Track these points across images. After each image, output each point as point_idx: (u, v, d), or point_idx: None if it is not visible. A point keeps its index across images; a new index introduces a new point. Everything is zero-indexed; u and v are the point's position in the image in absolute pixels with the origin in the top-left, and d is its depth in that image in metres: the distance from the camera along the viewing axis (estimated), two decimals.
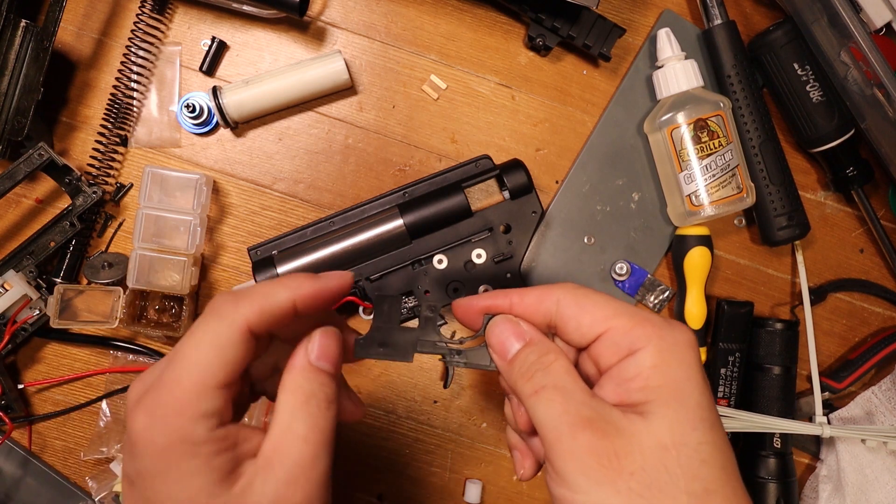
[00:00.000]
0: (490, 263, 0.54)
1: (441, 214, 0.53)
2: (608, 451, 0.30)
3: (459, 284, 0.53)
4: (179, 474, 0.29)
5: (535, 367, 0.32)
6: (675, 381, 0.31)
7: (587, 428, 0.30)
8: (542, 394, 0.31)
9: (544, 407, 0.31)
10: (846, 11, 0.51)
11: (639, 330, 0.32)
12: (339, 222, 0.54)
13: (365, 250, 0.53)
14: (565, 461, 0.30)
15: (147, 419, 0.29)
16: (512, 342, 0.34)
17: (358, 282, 0.53)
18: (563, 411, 0.31)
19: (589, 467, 0.29)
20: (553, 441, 0.30)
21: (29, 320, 0.55)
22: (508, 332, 0.34)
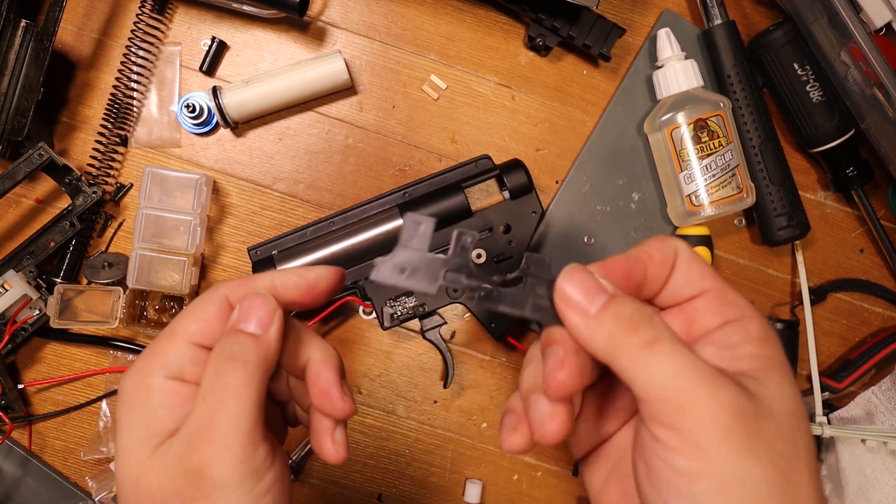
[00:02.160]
0: (490, 263, 0.54)
1: (441, 214, 0.53)
2: (752, 412, 0.26)
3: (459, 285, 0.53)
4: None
5: (636, 317, 0.27)
6: (781, 355, 0.29)
7: (726, 385, 0.26)
8: (658, 346, 0.27)
9: (665, 360, 0.26)
10: (846, 11, 0.51)
11: (742, 300, 0.30)
12: (340, 222, 0.54)
13: (365, 250, 0.53)
14: (703, 423, 0.25)
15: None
16: (595, 294, 0.28)
17: (358, 282, 0.53)
18: (694, 363, 0.26)
19: (733, 432, 0.25)
20: (684, 400, 0.26)
21: (29, 320, 0.55)
22: (588, 282, 0.28)
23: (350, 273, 0.53)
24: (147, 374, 0.30)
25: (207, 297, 0.32)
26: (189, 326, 0.31)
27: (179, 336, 0.30)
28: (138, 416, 0.29)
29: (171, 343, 0.30)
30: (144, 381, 0.30)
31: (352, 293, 0.54)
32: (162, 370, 0.30)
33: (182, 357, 0.30)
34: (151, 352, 0.30)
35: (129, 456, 0.29)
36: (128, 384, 0.30)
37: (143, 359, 0.31)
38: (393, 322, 0.53)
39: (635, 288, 0.30)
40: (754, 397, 0.27)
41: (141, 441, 0.29)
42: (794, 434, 0.27)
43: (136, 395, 0.30)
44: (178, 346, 0.30)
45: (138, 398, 0.30)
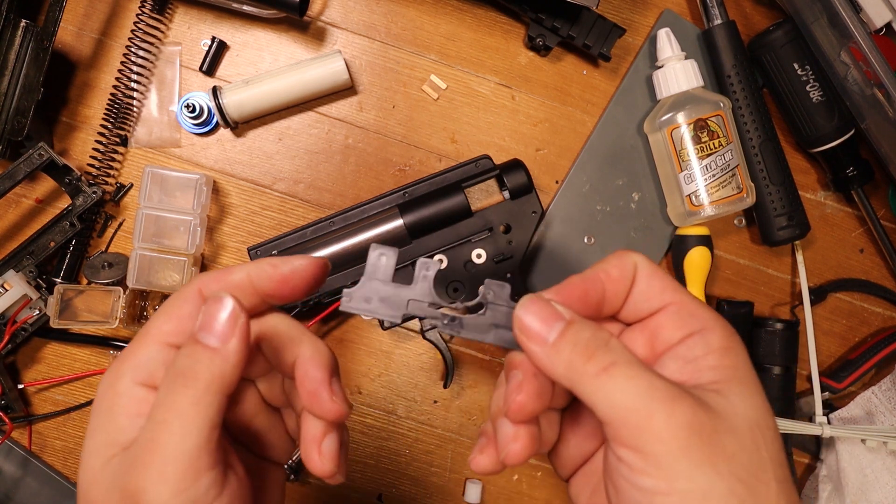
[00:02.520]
0: (490, 263, 0.54)
1: (441, 214, 0.53)
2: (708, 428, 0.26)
3: (459, 284, 0.53)
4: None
5: (592, 343, 0.28)
6: (743, 365, 0.29)
7: (683, 402, 0.26)
8: (614, 371, 0.27)
9: (622, 384, 0.27)
10: (846, 11, 0.51)
11: (704, 311, 0.30)
12: (340, 222, 0.54)
13: (365, 250, 0.52)
14: (662, 442, 0.26)
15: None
16: (551, 321, 0.28)
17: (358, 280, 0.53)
18: (648, 386, 0.27)
19: (691, 447, 0.26)
20: (641, 422, 0.26)
21: (29, 320, 0.55)
22: (544, 312, 0.29)
23: (350, 273, 0.53)
24: (117, 378, 0.28)
25: (182, 293, 0.29)
26: (162, 326, 0.29)
27: (152, 337, 0.29)
28: (101, 423, 0.28)
29: (142, 344, 0.28)
30: (113, 385, 0.28)
31: None
32: (131, 373, 0.28)
33: (152, 360, 0.28)
34: (125, 353, 0.29)
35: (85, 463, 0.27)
36: (100, 387, 0.28)
37: (117, 360, 0.29)
38: (393, 322, 0.53)
39: (595, 307, 0.30)
40: (713, 411, 0.27)
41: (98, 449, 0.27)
42: (757, 445, 0.27)
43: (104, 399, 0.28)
44: (149, 348, 0.28)
45: (105, 403, 0.28)
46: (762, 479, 0.27)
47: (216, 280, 0.30)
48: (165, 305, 0.29)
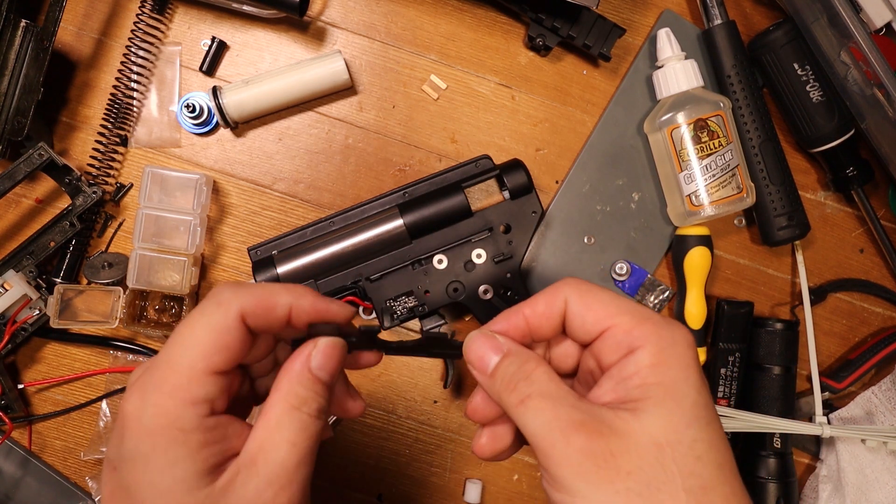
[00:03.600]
0: (490, 263, 0.54)
1: (441, 214, 0.53)
2: (604, 451, 0.29)
3: (459, 284, 0.53)
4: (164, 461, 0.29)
5: (516, 377, 0.32)
6: (672, 379, 0.31)
7: (580, 431, 0.30)
8: (528, 403, 0.31)
9: (532, 415, 0.31)
10: (846, 11, 0.51)
11: (639, 329, 0.32)
12: (340, 222, 0.54)
13: (365, 250, 0.53)
14: (561, 467, 0.30)
15: (139, 400, 0.29)
16: (490, 356, 0.33)
17: (358, 282, 0.53)
18: (552, 417, 0.30)
19: (586, 470, 0.29)
20: (547, 448, 0.30)
21: (29, 320, 0.55)
22: (485, 346, 0.34)
23: (350, 273, 0.53)
24: (178, 417, 0.30)
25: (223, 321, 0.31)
26: (212, 357, 0.30)
27: (203, 370, 0.30)
28: (174, 457, 0.29)
29: (197, 381, 0.30)
30: (175, 424, 0.29)
31: (352, 293, 0.54)
32: (195, 409, 0.30)
33: (210, 392, 0.30)
34: (172, 387, 0.30)
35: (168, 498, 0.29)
36: (149, 425, 0.30)
37: (160, 402, 0.30)
38: (393, 322, 0.53)
39: (523, 338, 0.34)
40: (614, 433, 0.30)
41: (184, 482, 0.29)
42: (661, 461, 0.29)
43: (163, 437, 0.29)
44: (205, 383, 0.30)
45: (168, 440, 0.29)
46: (666, 491, 0.29)
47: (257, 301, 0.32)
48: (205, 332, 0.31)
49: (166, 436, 0.29)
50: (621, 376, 0.32)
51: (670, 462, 0.29)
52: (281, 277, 0.52)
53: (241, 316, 0.31)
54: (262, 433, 0.31)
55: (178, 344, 0.30)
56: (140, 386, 0.30)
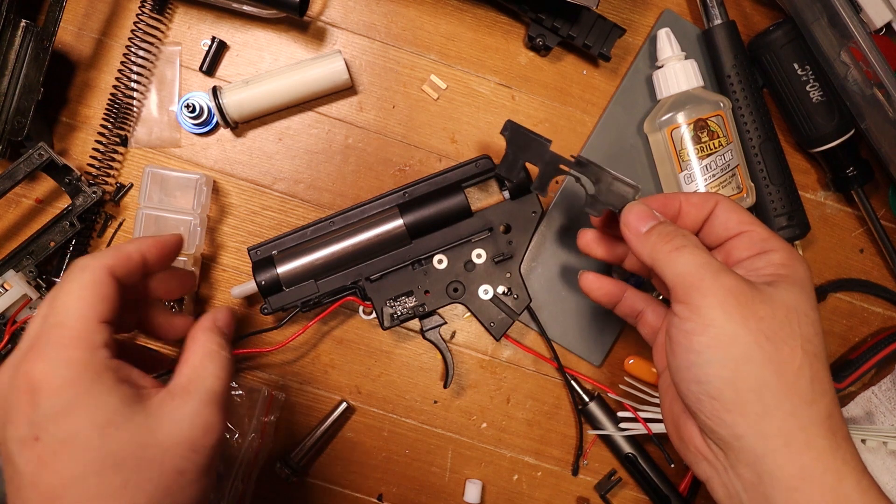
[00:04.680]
0: (490, 263, 0.54)
1: (441, 214, 0.53)
2: (747, 295, 0.35)
3: (459, 284, 0.53)
4: (93, 400, 0.32)
5: (675, 233, 0.38)
6: (799, 275, 0.37)
7: (729, 274, 0.36)
8: (684, 249, 0.37)
9: (687, 258, 0.37)
10: (846, 11, 0.51)
11: (774, 240, 0.39)
12: (340, 222, 0.54)
13: (365, 250, 0.52)
14: (706, 297, 0.35)
15: (44, 362, 0.32)
16: (646, 220, 0.40)
17: (358, 282, 0.53)
18: (706, 261, 0.36)
19: (728, 304, 0.34)
20: (696, 282, 0.36)
21: (29, 320, 0.55)
22: (644, 213, 0.41)
23: (350, 273, 0.53)
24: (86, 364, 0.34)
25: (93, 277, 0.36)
26: (97, 307, 0.36)
27: (92, 320, 0.35)
28: (101, 393, 0.34)
29: (89, 328, 0.35)
30: (88, 369, 0.34)
31: (352, 293, 0.54)
32: (98, 353, 0.35)
33: (106, 338, 0.36)
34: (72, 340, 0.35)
35: None
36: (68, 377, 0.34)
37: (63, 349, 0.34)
38: (393, 322, 0.53)
39: (671, 218, 0.41)
40: (756, 287, 0.36)
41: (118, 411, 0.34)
42: (789, 321, 0.35)
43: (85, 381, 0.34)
44: (99, 330, 0.35)
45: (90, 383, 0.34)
46: (789, 344, 0.34)
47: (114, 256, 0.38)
48: (85, 287, 0.36)
49: (84, 380, 0.32)
50: (753, 267, 0.38)
51: (796, 324, 0.35)
52: (281, 277, 0.52)
53: (108, 270, 0.36)
54: (188, 370, 0.38)
55: (59, 306, 0.34)
56: (39, 351, 0.33)
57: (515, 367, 0.60)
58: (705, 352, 0.35)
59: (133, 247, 0.39)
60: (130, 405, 0.33)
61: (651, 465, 0.58)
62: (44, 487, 0.31)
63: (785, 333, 0.34)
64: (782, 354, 0.34)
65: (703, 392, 0.35)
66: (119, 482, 0.32)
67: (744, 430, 0.34)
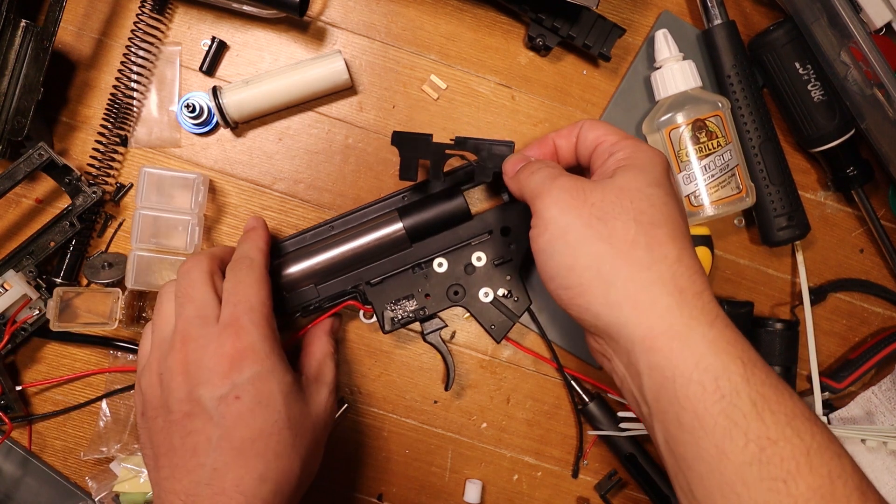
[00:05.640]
0: (490, 266, 0.53)
1: (440, 218, 0.52)
2: (579, 190, 0.39)
3: (460, 287, 0.53)
4: (281, 373, 0.42)
5: (534, 164, 0.44)
6: (639, 161, 0.40)
7: (565, 177, 0.41)
8: (538, 171, 0.42)
9: (535, 176, 0.42)
10: (846, 11, 0.51)
11: (624, 141, 0.42)
12: (339, 226, 0.54)
13: (365, 254, 0.53)
14: (544, 200, 0.40)
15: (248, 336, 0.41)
16: (518, 163, 0.46)
17: (358, 286, 0.53)
18: (549, 174, 0.41)
19: (561, 200, 0.39)
20: (539, 193, 0.40)
21: (28, 320, 0.55)
22: (516, 159, 0.47)
23: (350, 278, 0.53)
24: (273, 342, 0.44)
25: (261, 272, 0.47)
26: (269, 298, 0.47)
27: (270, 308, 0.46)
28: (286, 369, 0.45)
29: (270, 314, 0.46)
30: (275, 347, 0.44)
31: (352, 297, 0.54)
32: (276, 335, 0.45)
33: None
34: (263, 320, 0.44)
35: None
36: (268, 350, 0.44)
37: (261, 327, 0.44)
38: (394, 326, 0.53)
39: (551, 157, 0.47)
40: (593, 182, 0.40)
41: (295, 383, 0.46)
42: (620, 199, 0.38)
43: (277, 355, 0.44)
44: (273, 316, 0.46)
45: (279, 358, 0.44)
46: (621, 218, 0.37)
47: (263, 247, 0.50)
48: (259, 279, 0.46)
49: (276, 354, 0.42)
50: (602, 170, 0.42)
51: (627, 201, 0.38)
52: (281, 283, 0.52)
53: (266, 267, 0.47)
54: (316, 364, 0.50)
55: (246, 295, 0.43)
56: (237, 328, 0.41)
57: (515, 367, 0.60)
58: (547, 247, 0.39)
59: (262, 241, 0.50)
60: (297, 381, 0.43)
61: (651, 465, 0.58)
62: (237, 439, 0.38)
63: (616, 211, 0.37)
64: (614, 230, 0.37)
65: (557, 286, 0.39)
66: (291, 440, 0.40)
67: (597, 307, 0.37)
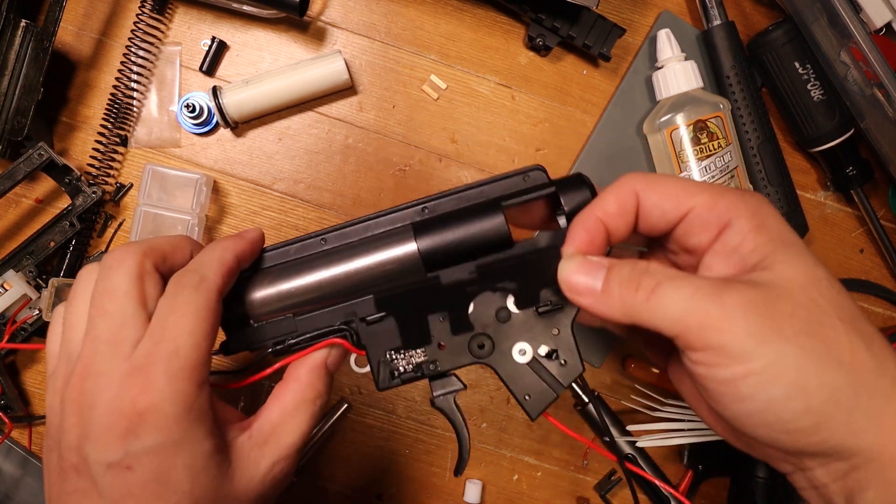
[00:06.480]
0: (531, 314, 0.37)
1: (470, 240, 0.37)
2: (762, 300, 0.29)
3: (486, 339, 0.37)
4: (191, 443, 0.31)
5: (634, 275, 0.31)
6: (779, 232, 0.31)
7: (730, 289, 0.29)
8: (660, 290, 0.30)
9: (670, 298, 0.29)
10: (846, 11, 0.51)
11: (722, 202, 0.32)
12: (334, 239, 0.39)
13: (362, 281, 0.37)
14: (723, 331, 0.28)
15: (154, 394, 0.30)
16: (592, 273, 0.32)
17: (350, 322, 0.38)
18: (693, 289, 0.29)
19: (752, 323, 0.28)
20: (700, 320, 0.29)
21: (28, 320, 0.55)
22: (581, 265, 0.32)
23: (340, 310, 0.38)
24: (193, 401, 0.33)
25: (206, 302, 0.33)
26: (209, 339, 0.33)
27: (205, 352, 0.33)
28: (202, 438, 0.33)
29: (200, 361, 0.33)
30: (194, 407, 0.32)
31: (341, 335, 0.38)
32: (204, 390, 0.33)
33: (208, 372, 0.34)
34: (183, 371, 0.32)
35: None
36: (176, 413, 0.32)
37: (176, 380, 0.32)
38: (392, 382, 0.38)
39: (602, 247, 0.34)
40: (761, 285, 0.29)
41: (212, 458, 0.33)
42: (812, 298, 0.29)
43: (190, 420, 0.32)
44: (207, 364, 0.33)
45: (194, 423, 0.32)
46: (826, 323, 0.29)
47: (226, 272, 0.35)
48: (199, 312, 0.33)
49: (189, 419, 0.30)
50: (728, 249, 0.32)
51: (818, 297, 0.30)
52: (249, 308, 0.38)
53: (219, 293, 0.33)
54: (277, 417, 0.35)
55: (174, 331, 0.31)
56: (147, 378, 0.30)
57: None
58: (759, 393, 0.28)
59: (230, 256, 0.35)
60: (220, 451, 0.32)
61: (651, 465, 0.58)
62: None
63: (816, 316, 0.29)
64: (828, 341, 0.29)
65: (778, 431, 0.29)
66: None
67: (837, 440, 0.29)
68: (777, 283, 0.30)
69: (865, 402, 0.29)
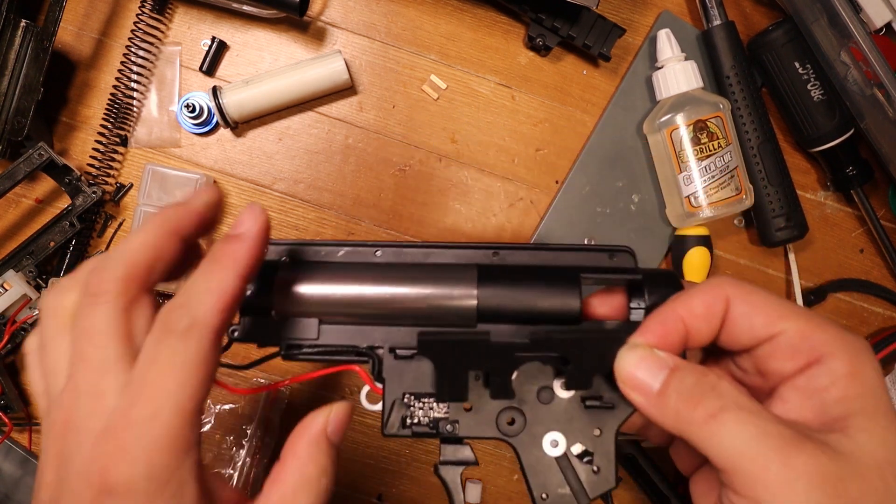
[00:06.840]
0: (576, 404, 0.33)
1: (537, 307, 0.33)
2: (833, 476, 0.25)
3: (519, 415, 0.33)
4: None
5: (698, 390, 0.27)
6: (873, 390, 0.27)
7: (801, 450, 0.25)
8: (722, 417, 0.26)
9: (732, 431, 0.26)
10: (846, 11, 0.51)
11: (819, 334, 0.28)
12: (388, 256, 0.35)
13: (405, 310, 0.34)
14: (777, 496, 0.25)
15: (126, 466, 0.25)
16: (655, 370, 0.28)
17: (376, 348, 0.34)
18: (760, 433, 0.25)
19: (813, 499, 0.24)
20: (756, 472, 0.25)
21: (28, 320, 0.55)
22: (646, 361, 0.28)
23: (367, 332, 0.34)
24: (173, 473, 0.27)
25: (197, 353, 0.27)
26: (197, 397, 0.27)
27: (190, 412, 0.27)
28: None
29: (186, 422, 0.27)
30: (173, 480, 0.27)
31: (362, 362, 0.34)
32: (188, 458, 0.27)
33: (197, 433, 0.28)
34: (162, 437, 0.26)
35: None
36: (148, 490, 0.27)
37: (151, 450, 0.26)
38: (401, 430, 0.34)
39: (678, 347, 0.29)
40: (837, 455, 0.25)
41: None
42: (887, 484, 0.25)
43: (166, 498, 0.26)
44: (195, 424, 0.28)
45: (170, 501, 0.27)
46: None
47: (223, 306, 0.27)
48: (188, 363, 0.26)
49: (165, 496, 0.25)
50: (812, 388, 0.27)
51: (893, 482, 0.26)
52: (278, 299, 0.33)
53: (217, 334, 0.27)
54: (277, 499, 0.29)
55: (155, 390, 0.25)
56: (118, 445, 0.25)
57: None
58: None
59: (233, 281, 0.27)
60: None
61: (651, 465, 0.58)
62: None
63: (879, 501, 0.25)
64: None
65: None
66: None
67: None
68: (854, 456, 0.26)
69: None
